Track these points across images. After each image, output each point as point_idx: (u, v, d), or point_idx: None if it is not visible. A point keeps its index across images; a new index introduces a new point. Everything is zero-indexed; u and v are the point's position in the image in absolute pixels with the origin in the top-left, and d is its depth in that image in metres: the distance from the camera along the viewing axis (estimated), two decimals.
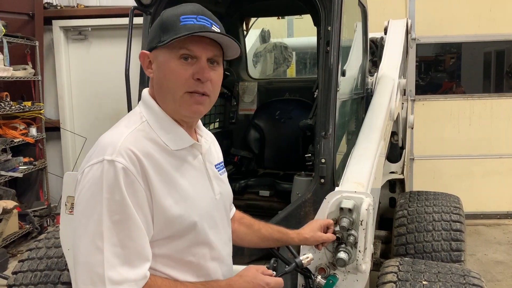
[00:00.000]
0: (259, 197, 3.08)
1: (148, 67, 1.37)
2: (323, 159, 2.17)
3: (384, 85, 3.30)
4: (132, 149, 1.23)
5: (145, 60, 1.37)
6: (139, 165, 1.23)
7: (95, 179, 1.20)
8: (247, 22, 4.00)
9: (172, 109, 1.34)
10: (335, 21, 2.22)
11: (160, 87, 1.34)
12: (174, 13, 1.33)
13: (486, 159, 5.92)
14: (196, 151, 1.41)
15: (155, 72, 1.35)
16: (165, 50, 1.30)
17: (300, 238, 1.76)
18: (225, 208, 1.52)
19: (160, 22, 1.34)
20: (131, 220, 1.20)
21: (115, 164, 1.20)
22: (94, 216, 1.18)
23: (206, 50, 1.31)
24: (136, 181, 1.21)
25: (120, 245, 1.18)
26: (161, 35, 1.31)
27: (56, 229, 2.90)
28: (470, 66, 6.23)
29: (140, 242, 1.21)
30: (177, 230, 1.29)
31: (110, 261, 1.16)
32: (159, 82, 1.34)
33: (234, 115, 3.83)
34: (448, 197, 3.45)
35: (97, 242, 1.16)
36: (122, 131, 1.29)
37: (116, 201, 1.18)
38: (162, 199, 1.25)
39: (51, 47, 6.19)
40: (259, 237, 1.72)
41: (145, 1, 2.48)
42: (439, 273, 2.21)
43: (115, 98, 5.83)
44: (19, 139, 5.35)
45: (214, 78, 1.34)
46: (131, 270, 1.18)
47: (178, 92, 1.31)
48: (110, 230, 1.17)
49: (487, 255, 4.87)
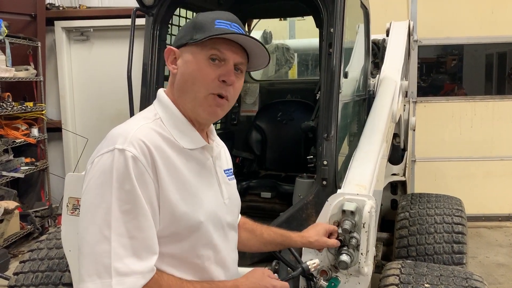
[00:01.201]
0: (261, 198, 3.08)
1: (172, 63, 1.37)
2: (325, 161, 2.16)
3: (386, 87, 3.29)
4: (143, 140, 1.22)
5: (170, 55, 1.37)
6: (150, 157, 1.22)
7: (105, 168, 1.18)
8: (249, 24, 4.00)
9: (191, 108, 1.34)
10: (337, 23, 2.22)
11: (183, 83, 1.34)
12: (210, 16, 1.35)
13: (488, 161, 5.92)
14: (207, 153, 1.41)
15: (180, 68, 1.34)
16: (195, 48, 1.31)
17: (304, 241, 1.74)
18: (233, 214, 1.51)
19: (194, 22, 1.35)
20: (140, 211, 1.18)
21: (125, 153, 1.18)
22: (102, 205, 1.16)
23: (236, 54, 1.33)
24: (145, 172, 1.20)
25: (128, 236, 1.16)
26: (194, 33, 1.31)
27: (57, 230, 2.90)
28: (472, 68, 6.23)
29: (148, 234, 1.19)
30: (182, 228, 1.28)
31: (117, 252, 1.13)
32: (183, 78, 1.34)
33: (236, 117, 3.82)
34: (450, 199, 3.45)
35: (105, 232, 1.14)
36: (135, 123, 1.29)
37: (126, 191, 1.17)
38: (170, 194, 1.24)
39: (53, 47, 6.20)
40: (261, 242, 1.70)
41: (147, 2, 2.48)
42: (441, 276, 2.20)
43: (117, 99, 5.83)
44: (20, 139, 5.35)
45: (236, 84, 1.36)
46: (138, 262, 1.16)
47: (202, 91, 1.31)
48: (118, 220, 1.15)
49: (489, 257, 4.85)
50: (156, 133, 1.28)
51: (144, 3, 2.48)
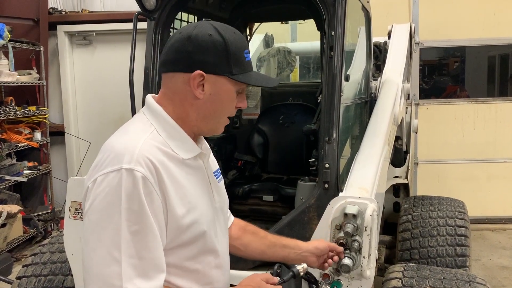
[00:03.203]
0: (263, 202, 3.08)
1: (199, 87, 1.30)
2: (327, 164, 2.16)
3: (388, 90, 3.29)
4: (149, 157, 1.21)
5: (199, 81, 1.30)
6: (156, 174, 1.21)
7: (112, 188, 1.17)
8: (250, 27, 4.01)
9: (206, 130, 1.39)
10: (338, 26, 2.22)
11: (212, 112, 1.35)
12: (239, 44, 1.33)
13: (491, 163, 5.90)
14: (200, 160, 1.41)
15: (211, 96, 1.32)
16: (231, 81, 1.32)
17: (310, 246, 1.70)
18: (223, 215, 1.52)
19: (226, 49, 1.30)
20: (149, 230, 1.18)
21: (134, 173, 1.17)
22: (111, 226, 1.15)
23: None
24: (153, 190, 1.19)
25: (138, 256, 1.15)
26: (232, 66, 1.30)
27: (60, 234, 2.91)
28: (474, 70, 6.22)
29: (157, 253, 1.19)
30: (188, 239, 1.29)
31: (127, 272, 1.13)
32: (212, 107, 1.33)
33: (238, 120, 3.83)
34: (452, 201, 3.44)
35: (114, 253, 1.14)
36: (136, 138, 1.26)
37: (135, 211, 1.16)
38: (176, 208, 1.24)
39: (56, 52, 6.23)
40: (265, 244, 1.68)
41: (149, 6, 2.49)
42: (444, 279, 2.20)
43: (119, 102, 5.85)
44: (23, 143, 5.37)
45: None
46: (147, 282, 1.16)
47: (224, 118, 1.39)
48: (128, 241, 1.14)
49: (492, 260, 4.83)
50: (157, 147, 1.27)
51: (146, 7, 2.49)
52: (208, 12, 3.00)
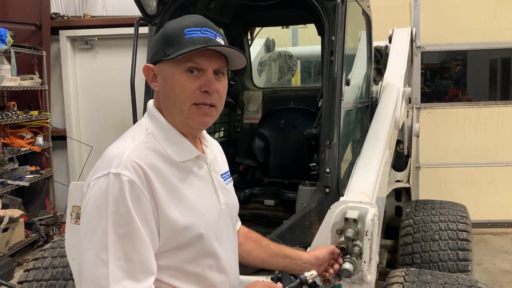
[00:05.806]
0: (264, 206, 3.08)
1: (153, 80, 1.37)
2: (328, 168, 2.16)
3: (389, 94, 3.29)
4: (137, 161, 1.24)
5: (149, 73, 1.37)
6: (145, 178, 1.23)
7: (101, 192, 1.20)
8: (251, 32, 4.02)
9: (179, 121, 1.35)
10: (339, 31, 2.22)
11: (167, 100, 1.34)
12: (178, 25, 1.33)
13: (493, 167, 5.88)
14: (202, 161, 1.41)
15: (161, 85, 1.35)
16: (171, 63, 1.30)
17: (310, 257, 1.71)
18: (231, 218, 1.51)
19: (164, 35, 1.33)
20: (136, 234, 1.20)
21: (121, 177, 1.20)
22: (99, 229, 1.18)
23: (212, 62, 1.32)
24: (141, 194, 1.22)
25: (125, 259, 1.18)
26: (166, 48, 1.31)
27: (61, 238, 2.91)
28: (475, 74, 6.22)
29: (145, 256, 1.21)
30: (183, 241, 1.29)
31: (115, 274, 1.16)
32: (165, 95, 1.34)
33: (239, 124, 3.84)
34: (454, 205, 3.43)
35: (102, 255, 1.17)
36: (128, 143, 1.29)
37: (122, 214, 1.19)
38: (168, 211, 1.26)
39: (58, 56, 6.25)
40: (267, 252, 1.68)
41: (150, 11, 2.50)
42: (445, 284, 2.19)
43: (121, 107, 5.87)
44: (25, 148, 5.39)
45: (220, 89, 1.35)
46: (135, 284, 1.18)
47: (185, 104, 1.31)
48: (115, 244, 1.17)
49: (495, 264, 4.81)
50: (150, 150, 1.29)
51: (147, 12, 2.50)
52: (209, 17, 2.99)
